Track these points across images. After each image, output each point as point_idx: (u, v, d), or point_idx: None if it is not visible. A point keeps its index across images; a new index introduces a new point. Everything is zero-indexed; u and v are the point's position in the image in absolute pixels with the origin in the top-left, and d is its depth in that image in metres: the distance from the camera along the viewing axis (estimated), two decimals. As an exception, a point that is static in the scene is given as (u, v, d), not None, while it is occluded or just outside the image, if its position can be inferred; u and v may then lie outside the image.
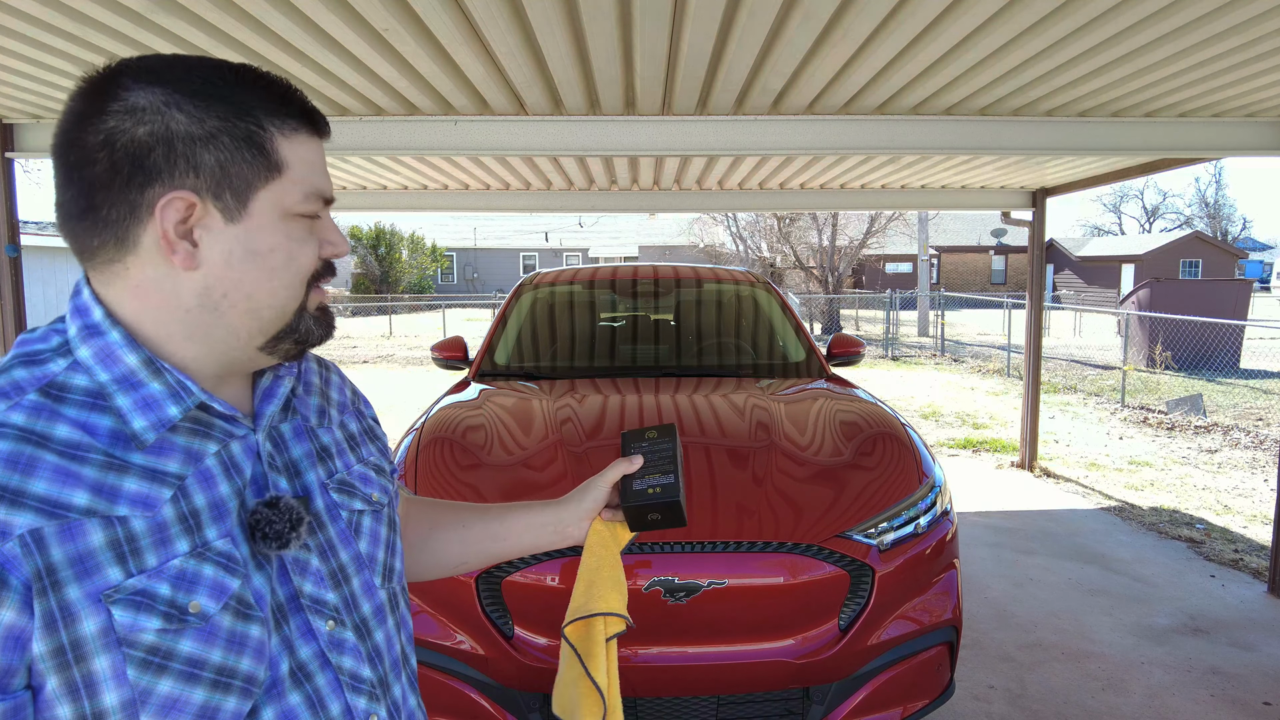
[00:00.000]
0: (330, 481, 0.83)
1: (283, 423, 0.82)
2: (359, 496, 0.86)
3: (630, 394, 3.03)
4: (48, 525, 0.61)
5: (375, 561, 0.85)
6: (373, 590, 0.83)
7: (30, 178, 34.42)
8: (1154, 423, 8.67)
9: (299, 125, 0.74)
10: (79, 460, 0.64)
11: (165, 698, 0.64)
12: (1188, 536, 4.98)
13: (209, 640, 0.67)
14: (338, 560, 0.80)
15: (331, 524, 0.81)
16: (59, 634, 0.61)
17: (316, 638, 0.76)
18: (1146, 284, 13.68)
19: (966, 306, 27.67)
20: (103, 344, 0.69)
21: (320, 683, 0.76)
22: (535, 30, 2.60)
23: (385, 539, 0.88)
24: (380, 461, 0.94)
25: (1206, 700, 3.08)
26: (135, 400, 0.69)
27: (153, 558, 0.65)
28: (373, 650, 0.81)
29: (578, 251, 39.02)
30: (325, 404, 0.89)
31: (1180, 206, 66.19)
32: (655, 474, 1.14)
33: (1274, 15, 2.49)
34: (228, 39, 2.66)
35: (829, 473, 2.43)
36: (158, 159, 0.67)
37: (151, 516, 0.66)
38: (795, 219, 21.85)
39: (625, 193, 6.54)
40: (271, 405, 0.80)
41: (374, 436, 0.97)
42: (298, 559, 0.76)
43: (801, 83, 3.22)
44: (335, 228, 0.79)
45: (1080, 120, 3.80)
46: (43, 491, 0.62)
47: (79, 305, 0.72)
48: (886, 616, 2.22)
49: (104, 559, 0.63)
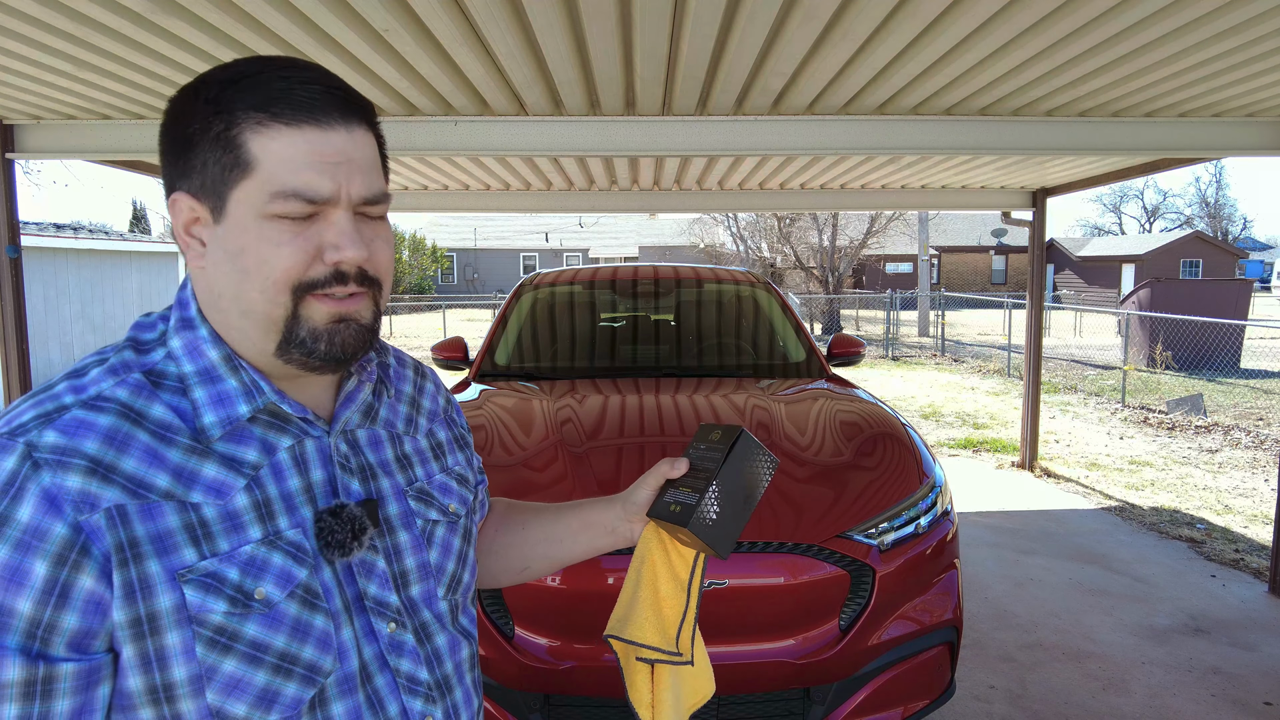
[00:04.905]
0: (410, 489, 0.84)
1: (361, 428, 0.82)
2: (435, 506, 0.86)
3: (630, 394, 3.03)
4: (131, 503, 0.65)
5: (444, 572, 0.85)
6: (433, 599, 0.83)
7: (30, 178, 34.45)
8: (1154, 423, 8.67)
9: (281, 116, 0.68)
10: (167, 442, 0.68)
11: (229, 677, 0.67)
12: (1188, 536, 4.97)
13: (273, 626, 0.69)
14: (403, 566, 0.81)
15: (404, 530, 0.82)
16: (137, 605, 0.64)
17: (378, 639, 0.77)
18: (1147, 284, 13.68)
19: (967, 306, 27.67)
20: (192, 338, 0.74)
21: (379, 684, 0.77)
22: (535, 30, 2.60)
23: (458, 550, 0.88)
24: (465, 471, 0.94)
25: (1207, 700, 3.08)
26: (210, 394, 0.72)
27: (225, 542, 0.68)
28: (432, 654, 0.82)
29: (578, 252, 39.01)
30: (415, 412, 0.90)
31: (1180, 206, 66.17)
32: (686, 488, 0.97)
33: (1274, 15, 2.49)
34: (228, 39, 2.66)
35: (829, 473, 2.43)
36: (174, 162, 0.72)
37: (224, 504, 0.69)
38: (795, 219, 21.85)
39: (625, 193, 6.54)
40: (349, 410, 0.80)
41: (463, 445, 0.97)
42: (364, 560, 0.77)
43: (802, 83, 3.22)
44: (345, 231, 0.71)
45: (1080, 120, 3.80)
46: (131, 470, 0.66)
47: (182, 298, 0.76)
48: (887, 617, 2.22)
49: (180, 540, 0.66)
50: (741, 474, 0.97)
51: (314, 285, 0.71)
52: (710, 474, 0.95)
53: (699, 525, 0.93)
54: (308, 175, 0.69)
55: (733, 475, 0.96)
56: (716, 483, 0.94)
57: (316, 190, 0.69)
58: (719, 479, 0.94)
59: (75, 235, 11.13)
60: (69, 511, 0.62)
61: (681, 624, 0.99)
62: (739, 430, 0.98)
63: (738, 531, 0.97)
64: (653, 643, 0.98)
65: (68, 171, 26.43)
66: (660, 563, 1.00)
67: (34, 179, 23.06)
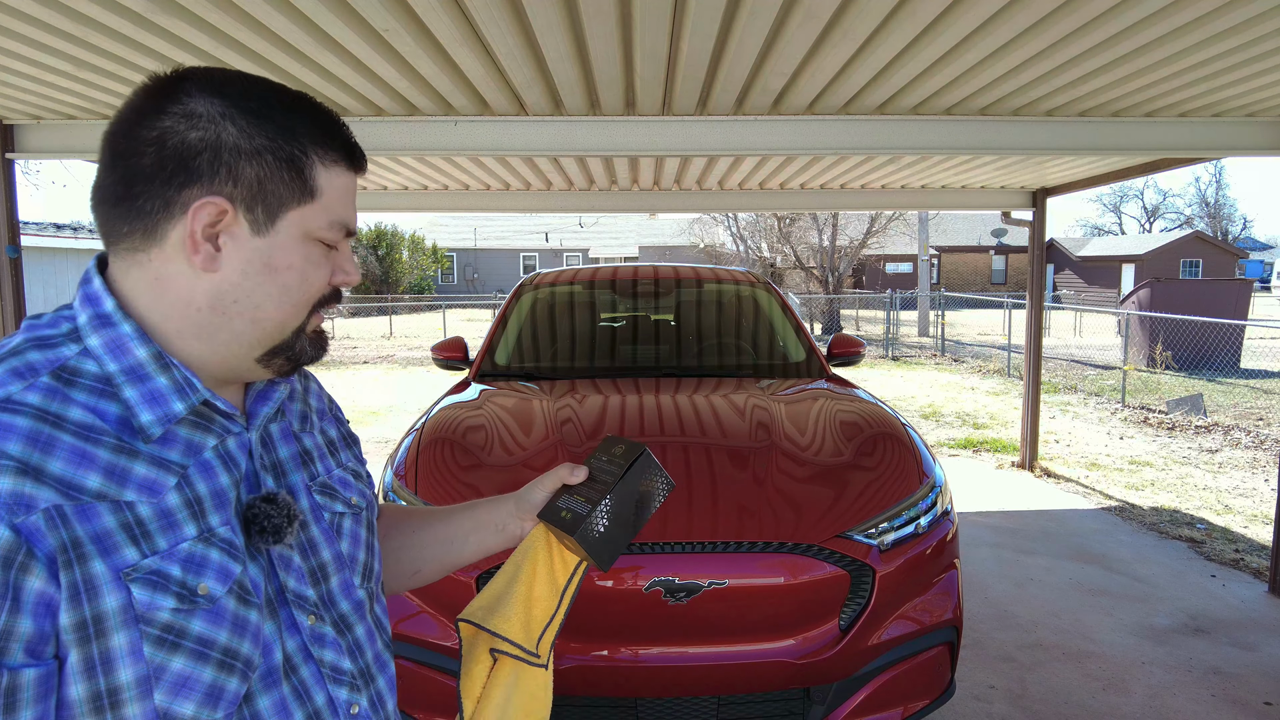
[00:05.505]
0: (313, 484, 0.86)
1: (272, 424, 0.85)
2: (340, 499, 0.89)
3: (630, 394, 3.03)
4: (65, 504, 0.63)
5: (356, 561, 0.88)
6: (351, 589, 0.86)
7: (30, 178, 34.44)
8: (1154, 423, 8.67)
9: (339, 158, 0.78)
10: (93, 443, 0.67)
11: (177, 675, 0.67)
12: (1188, 536, 4.97)
13: (217, 621, 0.70)
14: (318, 559, 0.83)
15: (314, 524, 0.84)
16: (83, 607, 0.63)
17: (300, 631, 0.79)
18: (1147, 284, 13.68)
19: (967, 306, 27.67)
20: (114, 335, 0.72)
21: (305, 675, 0.78)
22: (535, 30, 2.60)
23: (365, 540, 0.91)
24: (358, 467, 0.97)
25: (1207, 700, 3.08)
26: (142, 393, 0.71)
27: (163, 540, 0.68)
28: (353, 644, 0.84)
29: (578, 252, 39.02)
30: (307, 410, 0.93)
31: (1180, 206, 66.18)
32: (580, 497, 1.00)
33: (1274, 15, 2.49)
34: (228, 40, 2.66)
35: (829, 473, 2.43)
36: (202, 163, 0.71)
37: (157, 503, 0.69)
38: (795, 219, 21.86)
39: (625, 193, 6.54)
40: (265, 406, 0.83)
41: (351, 442, 1.00)
42: (282, 555, 0.79)
43: (802, 83, 3.22)
44: (351, 258, 0.82)
45: (1080, 120, 3.80)
46: (59, 471, 0.64)
47: (89, 294, 0.74)
48: (887, 617, 2.22)
49: (120, 539, 0.66)
50: (636, 492, 1.00)
51: (323, 302, 0.80)
52: (606, 487, 0.98)
53: (586, 536, 0.96)
54: (350, 210, 0.80)
55: (627, 492, 0.99)
56: (610, 497, 0.97)
57: (352, 223, 0.81)
58: (613, 494, 0.97)
59: (75, 235, 11.14)
60: (3, 514, 0.60)
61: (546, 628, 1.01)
62: (641, 449, 1.01)
63: (623, 546, 1.00)
64: (515, 638, 0.99)
65: (67, 172, 26.47)
66: (542, 563, 1.02)
67: (34, 179, 23.08)
